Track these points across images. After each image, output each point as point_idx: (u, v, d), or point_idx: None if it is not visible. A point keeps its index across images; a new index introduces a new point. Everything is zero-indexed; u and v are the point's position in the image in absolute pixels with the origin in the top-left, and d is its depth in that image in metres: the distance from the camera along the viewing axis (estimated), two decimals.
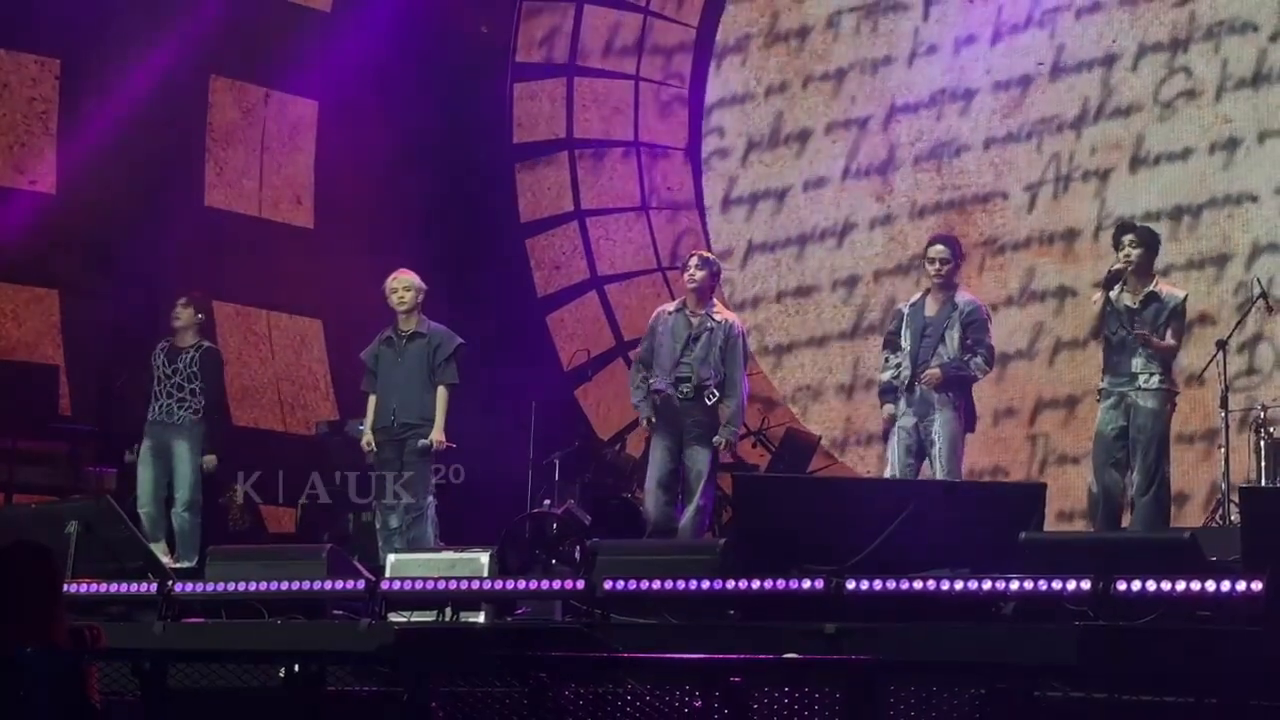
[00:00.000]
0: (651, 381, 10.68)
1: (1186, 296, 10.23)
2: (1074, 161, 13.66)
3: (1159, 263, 12.88)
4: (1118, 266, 10.05)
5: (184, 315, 11.49)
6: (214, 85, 14.37)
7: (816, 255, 14.68)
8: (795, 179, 14.86)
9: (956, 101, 14.17)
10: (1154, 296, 10.01)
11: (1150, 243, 10.19)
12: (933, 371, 10.19)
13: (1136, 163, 13.40)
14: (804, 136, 14.86)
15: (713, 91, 15.32)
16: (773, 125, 15.02)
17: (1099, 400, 10.17)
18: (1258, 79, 13.04)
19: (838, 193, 14.64)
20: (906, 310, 10.46)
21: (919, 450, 10.23)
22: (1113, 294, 10.03)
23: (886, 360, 10.48)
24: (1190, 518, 12.29)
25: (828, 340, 14.55)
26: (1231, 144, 13.07)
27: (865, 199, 14.51)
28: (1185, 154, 13.23)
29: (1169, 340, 9.97)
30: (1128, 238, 10.14)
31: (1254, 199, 12.93)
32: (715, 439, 10.50)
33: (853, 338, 14.35)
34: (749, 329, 14.67)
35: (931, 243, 10.64)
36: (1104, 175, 13.53)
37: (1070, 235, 13.53)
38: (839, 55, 14.76)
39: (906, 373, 10.26)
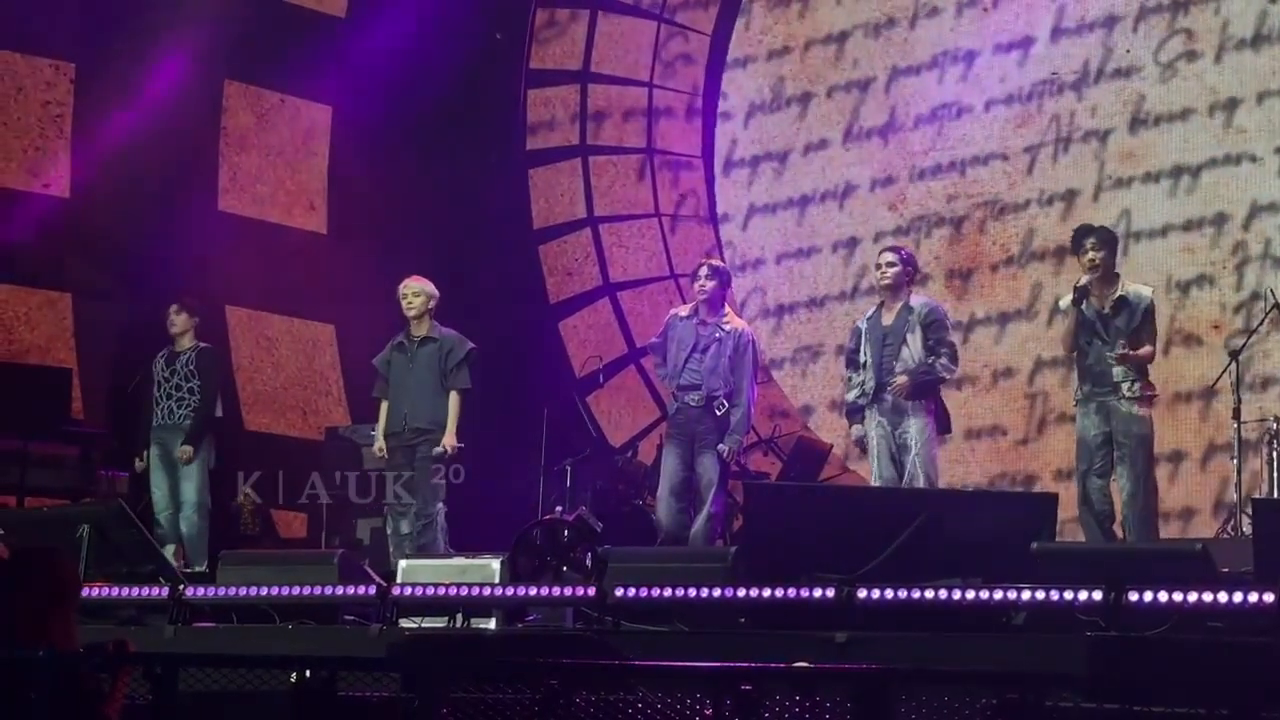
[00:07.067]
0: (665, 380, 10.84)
1: (1153, 291, 10.10)
2: (1074, 122, 13.64)
3: (1159, 221, 12.88)
4: (1086, 279, 9.85)
5: (178, 321, 11.61)
6: (229, 90, 14.39)
7: (817, 217, 14.68)
8: (796, 142, 14.86)
9: (957, 64, 14.15)
10: (1124, 301, 9.82)
11: (1112, 243, 10.03)
12: (900, 380, 10.05)
13: (1136, 123, 13.38)
14: (805, 99, 14.87)
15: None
16: (774, 88, 15.03)
17: (1076, 405, 10.06)
18: (1258, 39, 13.01)
19: (838, 155, 14.63)
20: (864, 325, 10.34)
21: (896, 456, 10.13)
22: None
23: (850, 380, 10.34)
24: (1201, 528, 12.27)
25: (827, 301, 14.56)
26: (1231, 104, 13.04)
27: (866, 161, 14.49)
28: (1185, 114, 13.19)
29: (1145, 348, 9.84)
30: (1090, 240, 9.93)
31: (1253, 159, 12.89)
32: (719, 446, 10.50)
33: (853, 299, 14.32)
34: (751, 289, 14.78)
35: (881, 252, 10.56)
36: (1104, 136, 13.51)
37: (1070, 196, 13.49)
38: (841, 18, 14.75)
39: (871, 385, 10.13)
